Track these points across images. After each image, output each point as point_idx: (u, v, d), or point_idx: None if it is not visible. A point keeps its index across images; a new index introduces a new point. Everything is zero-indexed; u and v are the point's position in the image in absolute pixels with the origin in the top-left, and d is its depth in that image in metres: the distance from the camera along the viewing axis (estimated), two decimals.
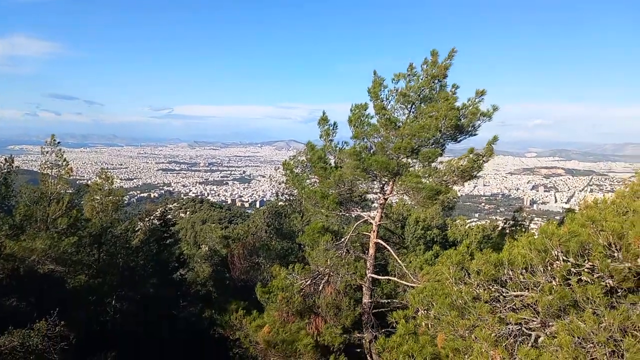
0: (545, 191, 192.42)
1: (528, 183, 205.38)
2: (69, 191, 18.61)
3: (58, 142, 18.28)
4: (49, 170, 17.81)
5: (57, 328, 10.04)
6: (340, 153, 12.26)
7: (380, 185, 12.34)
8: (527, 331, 6.31)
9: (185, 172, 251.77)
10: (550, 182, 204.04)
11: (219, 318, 14.58)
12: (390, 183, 11.99)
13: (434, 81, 11.54)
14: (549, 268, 6.27)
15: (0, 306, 13.18)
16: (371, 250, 12.49)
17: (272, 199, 33.52)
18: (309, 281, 12.64)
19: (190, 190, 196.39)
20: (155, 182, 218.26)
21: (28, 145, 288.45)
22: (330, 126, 12.36)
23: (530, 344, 6.13)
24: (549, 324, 6.10)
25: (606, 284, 5.57)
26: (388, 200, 13.04)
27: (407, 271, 12.07)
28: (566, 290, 5.72)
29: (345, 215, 13.41)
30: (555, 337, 6.03)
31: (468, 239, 18.18)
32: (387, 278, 13.25)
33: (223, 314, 14.38)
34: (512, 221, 21.49)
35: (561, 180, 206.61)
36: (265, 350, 11.99)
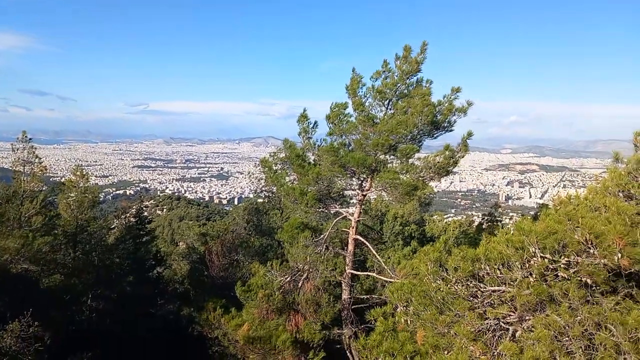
0: (520, 187, 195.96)
1: (503, 179, 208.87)
2: (43, 189, 18.19)
3: (30, 139, 17.83)
4: (21, 167, 17.37)
5: (31, 329, 9.82)
6: (319, 150, 12.26)
7: (359, 181, 12.38)
8: (505, 326, 6.41)
9: (161, 169, 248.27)
10: (525, 178, 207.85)
11: (198, 316, 14.47)
12: (369, 179, 12.03)
13: (408, 77, 11.60)
14: (526, 265, 6.38)
15: None
16: (350, 247, 12.53)
17: (251, 196, 33.38)
18: (288, 278, 12.62)
19: (166, 187, 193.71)
20: (131, 179, 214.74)
21: None
22: (310, 123, 12.36)
23: (508, 338, 6.23)
24: (526, 318, 6.22)
25: (581, 280, 5.70)
26: (367, 197, 13.10)
27: (386, 267, 12.15)
28: (543, 285, 5.83)
29: (324, 211, 13.42)
30: (532, 331, 6.16)
31: (445, 234, 18.40)
32: (366, 274, 13.33)
33: (202, 312, 14.28)
34: (489, 217, 21.83)
35: (535, 176, 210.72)
36: (244, 347, 11.95)
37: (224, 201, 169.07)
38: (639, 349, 4.89)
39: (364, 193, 12.35)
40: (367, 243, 12.44)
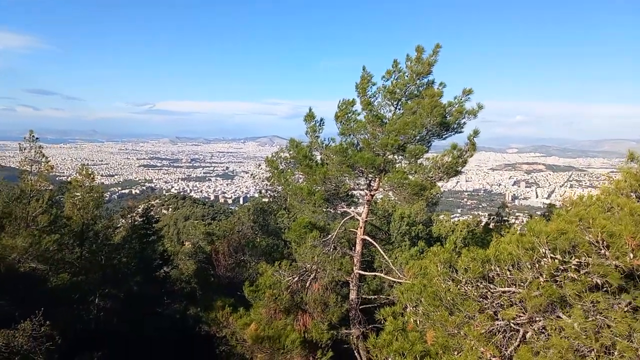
0: (526, 187, 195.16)
1: (510, 179, 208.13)
2: (49, 188, 18.27)
3: (37, 138, 17.89)
4: (29, 166, 17.44)
5: (43, 328, 9.87)
6: (327, 150, 12.23)
7: (367, 181, 12.36)
8: (515, 327, 6.39)
9: (167, 169, 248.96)
10: (531, 178, 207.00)
11: (205, 315, 14.49)
12: (377, 179, 12.01)
13: (419, 78, 11.56)
14: (537, 265, 6.34)
15: None
16: (358, 247, 12.52)
17: (256, 196, 33.37)
18: (296, 278, 12.63)
19: (172, 187, 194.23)
20: (137, 179, 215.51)
21: (5, 141, 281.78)
22: (317, 123, 12.32)
23: (518, 340, 6.21)
24: (537, 319, 6.19)
25: (592, 281, 5.66)
26: (374, 197, 13.09)
27: (394, 267, 12.13)
28: (553, 287, 5.80)
29: (332, 211, 13.41)
30: (543, 333, 6.13)
31: (453, 234, 18.35)
32: (374, 274, 13.31)
33: (209, 312, 14.30)
34: (497, 217, 21.73)
35: (542, 175, 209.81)
36: (252, 347, 11.97)
37: (230, 201, 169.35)
38: None
39: (372, 193, 12.33)
40: (375, 243, 12.43)
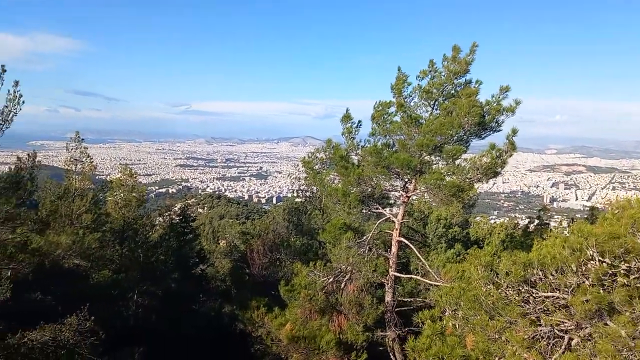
0: (565, 188, 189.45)
1: (548, 180, 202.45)
2: (92, 187, 18.87)
3: (82, 139, 18.54)
4: (73, 166, 18.07)
5: (88, 323, 10.17)
6: (363, 151, 12.20)
7: (403, 183, 12.24)
8: (560, 333, 6.20)
9: (202, 168, 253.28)
10: (570, 180, 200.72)
11: (240, 314, 14.62)
12: (413, 181, 11.88)
13: (456, 77, 11.40)
14: (583, 268, 6.14)
15: (26, 300, 13.41)
16: (394, 249, 12.40)
17: (290, 195, 33.57)
18: (331, 279, 12.61)
19: (207, 186, 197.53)
20: (173, 178, 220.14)
21: (48, 141, 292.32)
22: (353, 123, 12.29)
23: (563, 347, 6.02)
24: (583, 326, 5.98)
25: None
26: (410, 198, 12.95)
27: (430, 270, 11.97)
28: (602, 292, 5.59)
29: (367, 212, 13.34)
30: (589, 340, 5.92)
31: (491, 237, 17.98)
32: (410, 277, 13.16)
33: (244, 310, 14.42)
34: (537, 220, 21.14)
35: (582, 177, 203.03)
36: (288, 347, 12.02)
37: (263, 200, 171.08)
38: None
39: (408, 194, 12.21)
40: (411, 245, 12.30)
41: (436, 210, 19.19)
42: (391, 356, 12.16)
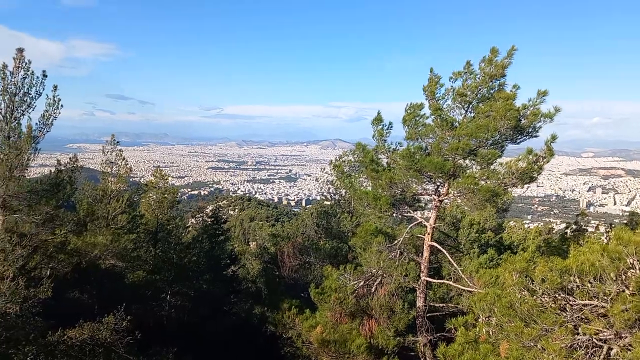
0: (603, 193, 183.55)
1: (584, 184, 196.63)
2: (127, 189, 19.37)
3: (118, 142, 19.07)
4: (109, 168, 18.60)
5: (124, 322, 10.44)
6: (394, 154, 12.11)
7: (435, 187, 12.10)
8: (599, 343, 6.02)
9: (233, 171, 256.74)
10: (608, 184, 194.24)
11: (271, 316, 14.73)
12: (446, 185, 11.73)
13: (491, 80, 11.22)
14: (623, 277, 5.95)
15: (65, 299, 13.86)
16: (425, 253, 12.27)
17: (319, 198, 33.62)
18: (361, 282, 12.58)
19: (238, 188, 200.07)
20: (205, 180, 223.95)
21: (85, 144, 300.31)
22: (385, 126, 12.21)
23: (602, 357, 5.84)
24: (623, 335, 5.80)
25: None
26: (442, 203, 12.80)
27: (463, 275, 11.79)
28: None
29: (397, 216, 13.24)
30: (630, 350, 5.73)
31: (525, 243, 17.58)
32: (442, 282, 13.00)
33: (275, 312, 14.53)
34: (575, 226, 20.56)
35: (621, 181, 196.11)
36: (318, 350, 12.03)
37: (292, 203, 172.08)
38: None
39: (441, 199, 12.06)
40: (444, 250, 12.13)
41: (469, 215, 18.91)
42: None
